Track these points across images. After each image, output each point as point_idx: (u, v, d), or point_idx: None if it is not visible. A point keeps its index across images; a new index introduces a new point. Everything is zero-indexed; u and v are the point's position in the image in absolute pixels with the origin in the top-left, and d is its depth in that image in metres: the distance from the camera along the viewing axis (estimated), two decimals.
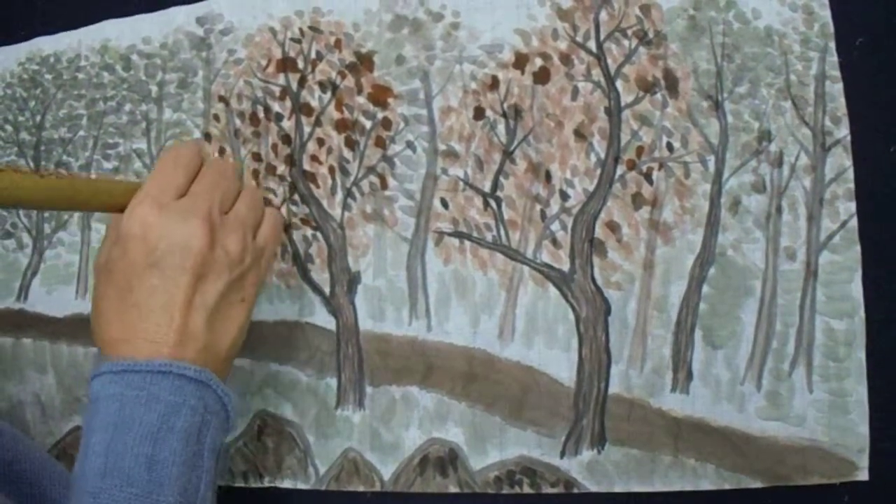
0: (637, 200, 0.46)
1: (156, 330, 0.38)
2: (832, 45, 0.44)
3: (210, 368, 0.39)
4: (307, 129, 0.51)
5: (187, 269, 0.38)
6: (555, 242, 0.47)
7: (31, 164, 0.59)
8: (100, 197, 0.40)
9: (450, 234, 0.49)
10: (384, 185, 0.50)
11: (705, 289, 0.45)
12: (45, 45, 0.59)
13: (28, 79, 0.59)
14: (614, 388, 0.46)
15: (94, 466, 0.36)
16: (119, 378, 0.37)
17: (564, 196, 0.47)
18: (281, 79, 0.52)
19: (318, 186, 0.51)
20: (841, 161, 0.44)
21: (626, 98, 0.46)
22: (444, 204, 0.49)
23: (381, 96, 0.50)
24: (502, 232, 0.48)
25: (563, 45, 0.47)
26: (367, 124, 0.50)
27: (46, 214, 0.58)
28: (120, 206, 0.40)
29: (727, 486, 0.44)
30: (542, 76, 0.48)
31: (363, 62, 0.50)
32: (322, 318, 0.51)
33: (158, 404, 0.37)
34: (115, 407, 0.37)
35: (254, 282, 0.42)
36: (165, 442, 0.36)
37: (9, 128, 0.60)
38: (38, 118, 0.59)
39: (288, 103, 0.52)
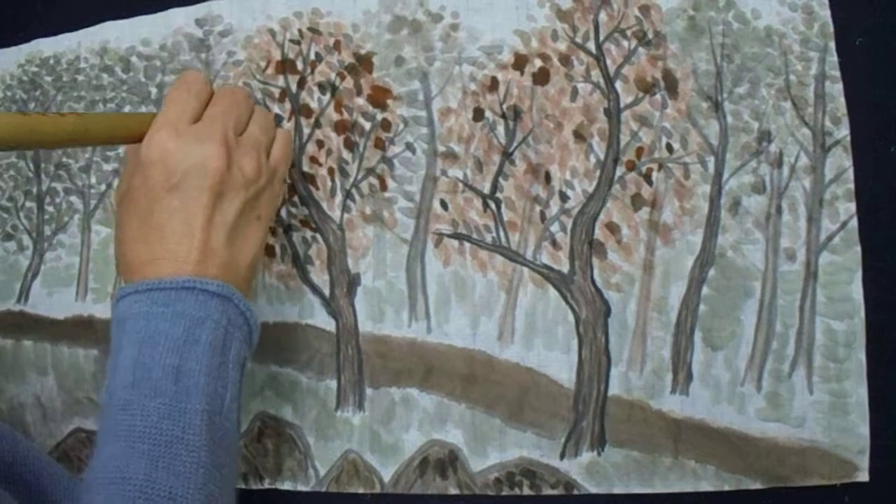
0: (637, 201, 0.46)
1: (178, 249, 0.39)
2: (832, 45, 0.44)
3: (232, 284, 0.40)
4: (306, 131, 0.51)
5: (206, 188, 0.40)
6: (554, 244, 0.47)
7: (31, 166, 0.59)
8: (118, 129, 0.42)
9: (449, 236, 0.49)
10: (384, 187, 0.50)
11: (705, 290, 0.45)
12: (45, 46, 0.59)
13: (28, 80, 0.59)
14: (614, 389, 0.46)
15: (122, 380, 0.38)
16: (144, 297, 0.39)
17: (564, 197, 0.47)
18: (280, 80, 0.52)
19: (317, 188, 0.51)
20: (841, 161, 0.44)
21: (625, 99, 0.46)
22: (444, 205, 0.49)
23: (380, 98, 0.50)
24: (502, 233, 0.48)
25: (562, 46, 0.47)
26: (367, 126, 0.50)
27: (46, 216, 0.58)
28: (137, 136, 0.41)
29: (727, 488, 0.44)
30: (541, 77, 0.48)
31: (362, 63, 0.50)
32: (322, 319, 0.51)
33: (184, 319, 0.38)
34: (141, 323, 0.38)
35: (269, 200, 0.44)
36: (191, 354, 0.38)
37: None
38: None
39: (287, 105, 0.52)
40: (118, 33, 0.57)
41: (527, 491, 0.47)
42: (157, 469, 0.36)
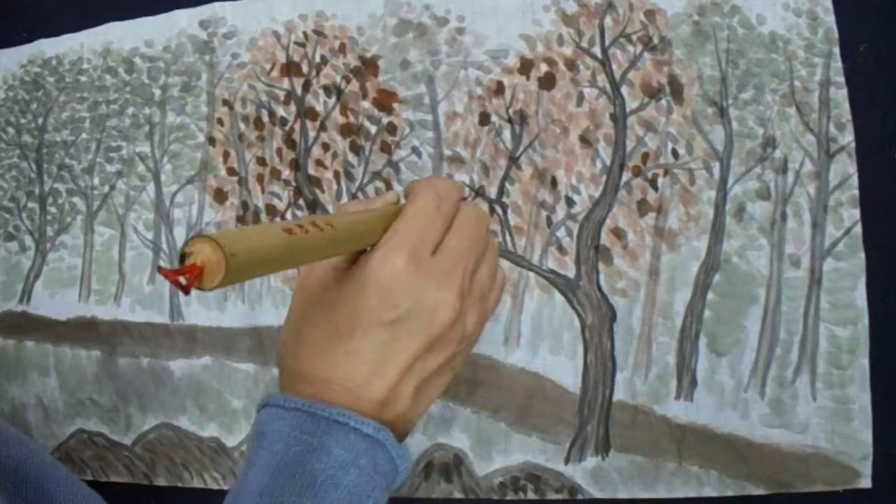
0: (642, 207, 0.46)
1: (364, 384, 0.35)
2: (836, 50, 0.44)
3: (397, 430, 0.37)
4: (312, 134, 0.51)
5: (423, 337, 0.36)
6: (560, 249, 0.47)
7: (34, 167, 0.59)
8: (362, 237, 0.36)
9: None
10: (389, 190, 0.50)
11: (710, 296, 0.45)
12: (48, 47, 0.58)
13: (30, 81, 0.59)
14: (619, 394, 0.46)
15: None
16: (291, 416, 0.35)
17: (570, 202, 0.47)
18: (285, 83, 0.52)
19: (323, 191, 0.51)
20: (845, 168, 0.44)
21: (631, 104, 0.46)
22: None
23: (386, 101, 0.50)
24: (508, 238, 0.48)
25: (568, 50, 0.47)
26: (373, 129, 0.50)
27: (49, 217, 0.58)
28: (374, 242, 0.36)
29: (730, 493, 0.44)
30: (547, 82, 0.48)
31: (368, 66, 0.50)
32: None
33: (328, 456, 0.34)
34: (279, 447, 0.34)
35: (468, 352, 0.40)
36: (327, 498, 0.33)
37: (11, 130, 0.59)
38: (41, 120, 0.59)
39: (292, 107, 0.52)
40: (121, 34, 0.56)
41: (531, 495, 0.47)
42: None
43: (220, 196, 0.53)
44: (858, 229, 0.43)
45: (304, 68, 0.52)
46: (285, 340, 0.39)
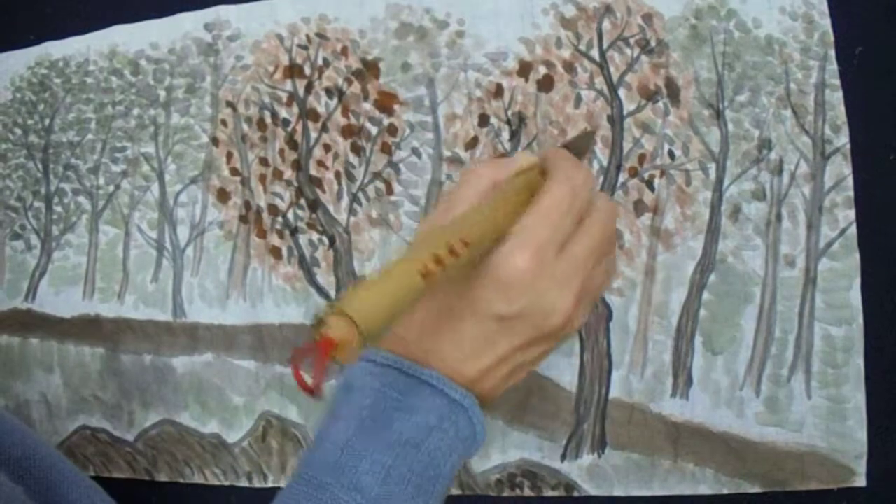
0: (639, 207, 0.46)
1: (462, 362, 0.35)
2: (832, 53, 0.44)
3: (480, 400, 0.36)
4: (314, 135, 0.52)
5: (531, 336, 0.35)
6: None
7: (40, 167, 0.60)
8: (490, 236, 0.34)
9: None
10: (389, 191, 0.50)
11: (705, 295, 0.45)
12: (55, 49, 0.59)
13: (37, 83, 0.60)
14: (615, 392, 0.46)
15: (327, 454, 0.34)
16: (381, 372, 0.35)
17: None
18: (288, 85, 0.53)
19: (324, 191, 0.52)
20: (840, 169, 0.44)
21: (628, 106, 0.47)
22: None
23: (386, 103, 0.51)
24: None
25: (566, 53, 0.48)
26: (373, 130, 0.51)
27: (54, 216, 0.59)
28: (500, 235, 0.35)
29: (725, 491, 0.44)
30: (545, 84, 0.48)
31: (369, 69, 0.51)
32: None
33: (414, 416, 0.34)
34: (367, 402, 0.34)
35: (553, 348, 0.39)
36: (408, 457, 0.33)
37: (18, 131, 0.60)
38: (47, 121, 0.59)
39: (295, 109, 0.52)
40: (127, 37, 0.57)
41: (528, 492, 0.47)
42: None
43: (222, 196, 0.54)
44: (853, 230, 0.43)
45: (307, 70, 0.52)
46: None
